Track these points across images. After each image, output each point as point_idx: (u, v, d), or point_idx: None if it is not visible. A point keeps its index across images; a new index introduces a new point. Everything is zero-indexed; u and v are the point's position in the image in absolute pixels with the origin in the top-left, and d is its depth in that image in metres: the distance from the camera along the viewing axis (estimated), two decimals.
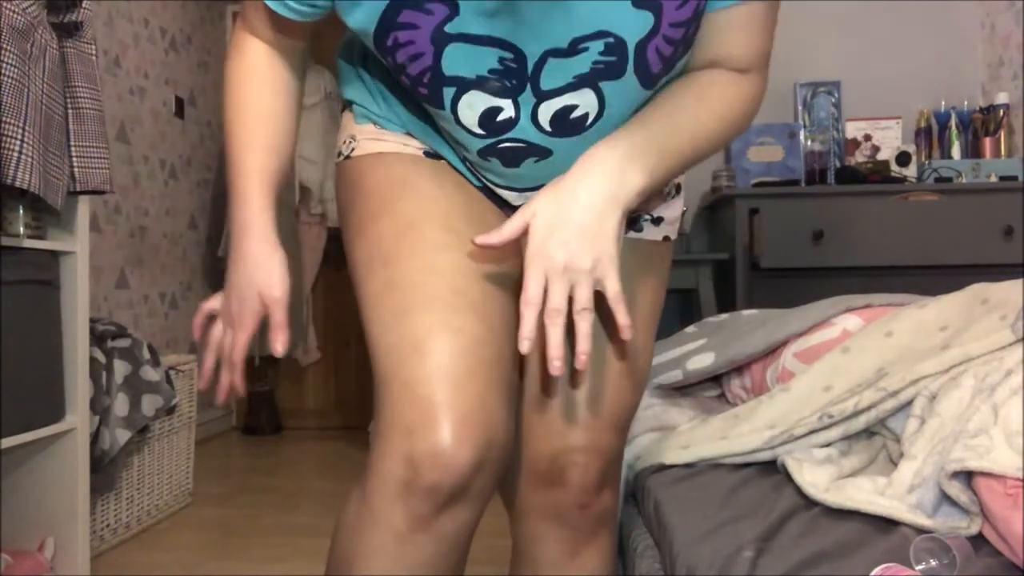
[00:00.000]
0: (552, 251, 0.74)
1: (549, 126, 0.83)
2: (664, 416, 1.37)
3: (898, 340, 1.16)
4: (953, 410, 0.92)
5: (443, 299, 0.81)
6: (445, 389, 0.77)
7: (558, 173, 0.82)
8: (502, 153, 0.86)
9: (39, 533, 1.81)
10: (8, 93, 1.50)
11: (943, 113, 3.24)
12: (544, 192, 0.77)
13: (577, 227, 0.74)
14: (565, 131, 0.83)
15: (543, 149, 0.85)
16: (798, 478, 0.97)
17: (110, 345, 2.15)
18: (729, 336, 1.47)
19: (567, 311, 0.75)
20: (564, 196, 0.75)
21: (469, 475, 0.77)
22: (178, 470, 2.56)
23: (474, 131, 0.84)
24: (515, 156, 0.86)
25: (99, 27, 2.90)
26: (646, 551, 1.10)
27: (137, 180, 3.19)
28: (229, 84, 0.92)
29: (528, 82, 0.79)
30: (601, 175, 0.76)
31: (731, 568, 0.79)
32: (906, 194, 2.77)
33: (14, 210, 1.67)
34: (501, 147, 0.85)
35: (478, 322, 0.82)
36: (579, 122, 0.83)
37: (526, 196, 0.91)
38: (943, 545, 0.75)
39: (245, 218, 0.91)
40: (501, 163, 0.87)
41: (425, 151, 0.93)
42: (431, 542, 0.79)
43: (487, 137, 0.84)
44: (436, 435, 0.76)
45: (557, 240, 0.74)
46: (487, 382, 0.80)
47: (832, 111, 3.33)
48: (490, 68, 0.78)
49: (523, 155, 0.86)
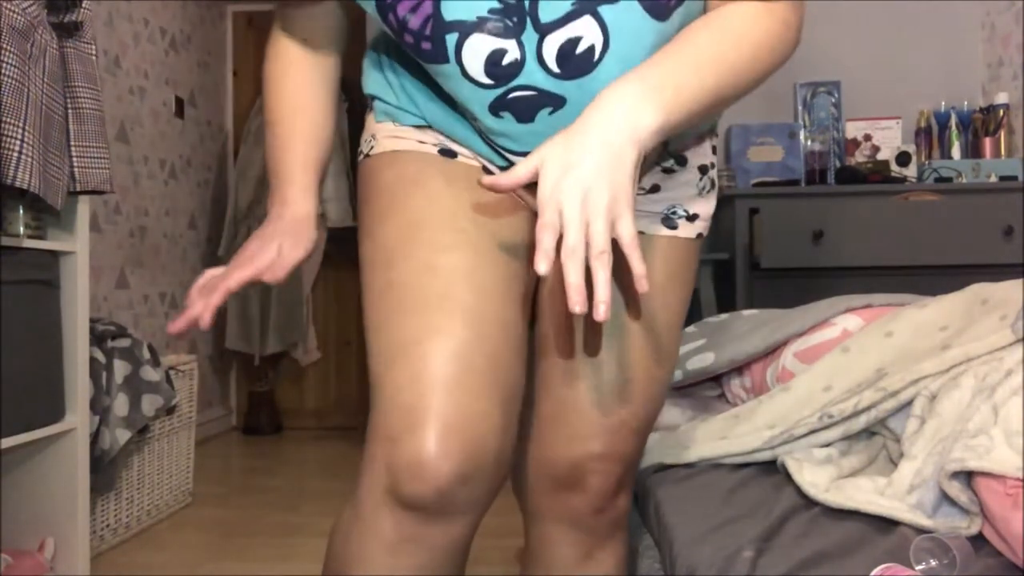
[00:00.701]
0: (566, 187, 0.68)
1: (557, 66, 0.80)
2: (664, 416, 1.37)
3: (898, 340, 1.16)
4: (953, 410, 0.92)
5: (435, 302, 0.79)
6: (430, 395, 0.74)
7: None
8: (514, 105, 0.82)
9: (39, 533, 1.81)
10: (8, 93, 1.50)
11: (943, 113, 3.24)
12: (555, 136, 0.72)
13: (592, 164, 0.69)
14: (573, 71, 0.80)
15: (555, 97, 0.82)
16: (798, 478, 0.97)
17: (110, 345, 2.15)
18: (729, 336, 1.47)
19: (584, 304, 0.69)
20: (576, 136, 0.70)
21: (452, 487, 0.73)
22: (178, 470, 2.56)
23: (482, 81, 0.81)
24: (528, 107, 0.83)
25: (99, 27, 2.90)
26: (646, 551, 1.10)
27: (137, 180, 3.19)
28: (267, 80, 0.95)
29: (528, 17, 0.78)
30: (614, 112, 0.71)
31: (731, 568, 0.79)
32: (906, 194, 2.77)
33: (14, 210, 1.67)
34: (512, 97, 0.82)
35: (471, 326, 0.78)
36: (586, 58, 0.79)
37: None
38: (943, 545, 0.75)
39: (286, 193, 0.92)
40: (515, 118, 0.83)
41: (441, 148, 0.91)
42: (421, 552, 0.76)
43: (496, 86, 0.81)
44: (417, 444, 0.73)
45: (572, 178, 0.68)
46: (477, 389, 0.76)
47: (832, 111, 3.33)
48: (489, 8, 0.77)
49: (536, 105, 0.82)
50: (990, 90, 3.31)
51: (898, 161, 3.13)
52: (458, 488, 0.74)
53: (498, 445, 0.77)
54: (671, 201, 0.94)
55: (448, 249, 0.82)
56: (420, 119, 0.92)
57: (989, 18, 3.32)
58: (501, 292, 0.83)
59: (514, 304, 0.84)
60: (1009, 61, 3.19)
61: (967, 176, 2.99)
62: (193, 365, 2.62)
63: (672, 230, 0.95)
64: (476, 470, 0.75)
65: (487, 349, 0.78)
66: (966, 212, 2.61)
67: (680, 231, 0.95)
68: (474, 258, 0.82)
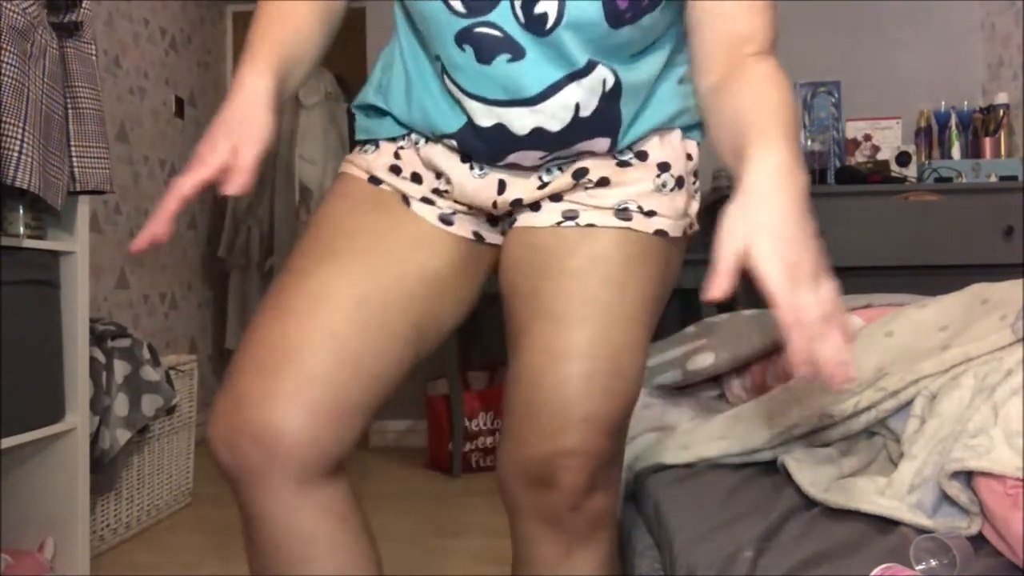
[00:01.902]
0: (804, 293, 0.71)
1: (522, 13, 0.86)
2: (664, 416, 1.37)
3: (898, 340, 1.16)
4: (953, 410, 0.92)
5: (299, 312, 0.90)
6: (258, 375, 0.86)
7: (527, 87, 0.88)
8: (478, 41, 0.87)
9: (39, 533, 1.81)
10: (8, 93, 1.50)
11: (943, 113, 3.24)
12: (754, 222, 0.73)
13: (809, 257, 0.72)
14: (532, 26, 0.86)
15: (517, 45, 0.87)
16: (798, 478, 0.97)
17: (110, 345, 2.15)
18: (729, 336, 1.47)
19: None
20: (779, 228, 0.72)
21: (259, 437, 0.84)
22: (178, 470, 2.56)
23: (457, 8, 0.86)
24: (490, 47, 0.87)
25: (99, 27, 2.90)
26: (646, 551, 1.10)
27: (137, 180, 3.19)
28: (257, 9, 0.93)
29: None
30: (794, 191, 0.74)
31: (731, 568, 0.79)
32: (906, 194, 2.77)
33: (14, 210, 1.67)
34: (478, 32, 0.87)
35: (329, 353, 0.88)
36: (540, 20, 0.86)
37: (495, 114, 0.91)
38: (943, 545, 0.75)
39: (242, 73, 0.88)
40: (475, 56, 0.88)
41: (370, 176, 0.99)
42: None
43: (468, 16, 0.86)
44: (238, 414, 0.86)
45: (803, 279, 0.71)
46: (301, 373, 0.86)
47: (832, 111, 3.33)
48: None
49: (497, 48, 0.87)
50: (990, 90, 3.31)
51: (898, 161, 3.13)
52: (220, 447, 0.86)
53: (292, 440, 0.85)
54: (622, 197, 0.95)
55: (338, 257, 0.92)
56: (392, 125, 0.99)
57: (989, 18, 3.32)
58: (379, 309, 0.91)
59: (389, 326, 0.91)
60: (1009, 61, 3.19)
61: (967, 176, 2.99)
62: (193, 365, 2.62)
63: (625, 222, 0.95)
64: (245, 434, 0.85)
65: (329, 384, 0.87)
66: (966, 212, 2.61)
67: (634, 224, 0.95)
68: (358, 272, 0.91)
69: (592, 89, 0.90)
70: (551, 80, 0.89)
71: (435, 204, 0.98)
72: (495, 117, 0.91)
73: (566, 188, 0.96)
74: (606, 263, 0.93)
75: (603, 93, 0.90)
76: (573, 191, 0.96)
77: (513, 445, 0.93)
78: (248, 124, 0.84)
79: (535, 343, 0.92)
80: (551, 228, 0.96)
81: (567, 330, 0.90)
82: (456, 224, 0.99)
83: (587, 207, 0.95)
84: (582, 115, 0.91)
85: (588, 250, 0.94)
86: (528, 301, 0.94)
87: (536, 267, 0.95)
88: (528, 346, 0.92)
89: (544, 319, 0.92)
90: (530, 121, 0.90)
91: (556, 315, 0.91)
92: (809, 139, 3.19)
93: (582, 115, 0.91)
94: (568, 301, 0.91)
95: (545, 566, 0.97)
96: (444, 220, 0.98)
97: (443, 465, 2.99)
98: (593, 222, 0.95)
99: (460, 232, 0.99)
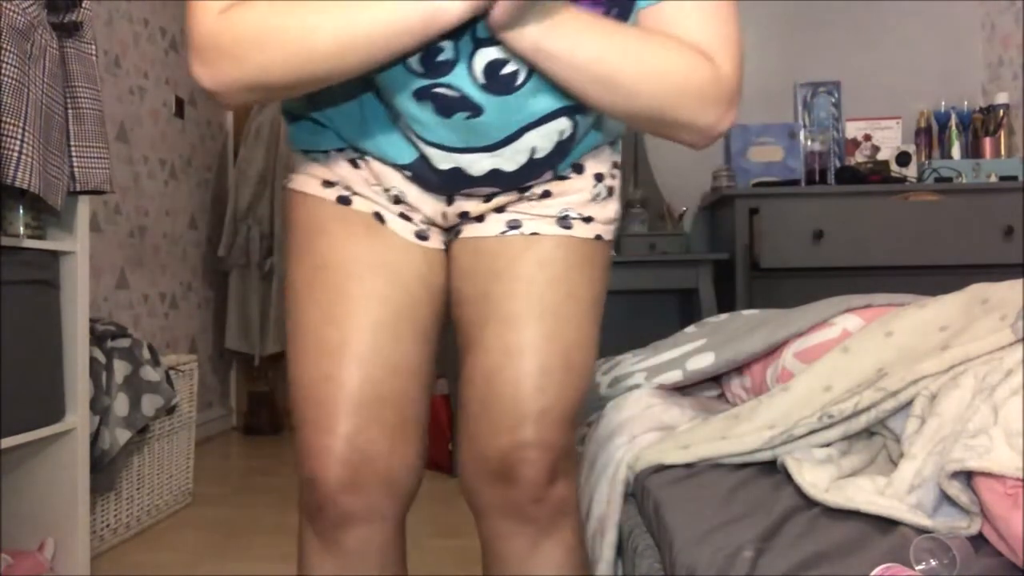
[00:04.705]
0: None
1: (483, 77, 0.85)
2: (664, 416, 1.37)
3: (898, 340, 1.16)
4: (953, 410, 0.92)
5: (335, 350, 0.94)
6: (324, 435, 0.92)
7: (487, 137, 0.89)
8: (436, 99, 0.87)
9: (39, 533, 1.81)
10: (8, 93, 1.50)
11: (943, 113, 3.24)
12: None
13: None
14: (496, 88, 0.86)
15: (475, 105, 0.87)
16: (798, 478, 0.97)
17: (110, 345, 2.15)
18: (729, 336, 1.47)
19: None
20: None
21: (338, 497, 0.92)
22: (178, 470, 2.56)
23: (415, 69, 0.85)
24: (448, 105, 0.87)
25: (99, 27, 2.90)
26: (646, 551, 1.10)
27: (137, 180, 3.19)
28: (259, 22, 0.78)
29: (469, 26, 0.82)
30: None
31: (731, 568, 0.79)
32: (906, 194, 2.77)
33: (14, 210, 1.67)
34: (436, 91, 0.87)
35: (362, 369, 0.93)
36: (509, 80, 0.85)
37: (452, 158, 0.92)
38: (943, 545, 0.75)
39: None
40: (434, 110, 0.88)
41: (339, 196, 0.98)
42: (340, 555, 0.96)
43: (426, 77, 0.86)
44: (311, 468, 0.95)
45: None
46: (364, 422, 0.92)
47: (832, 111, 3.33)
48: None
49: (455, 106, 0.87)
50: (990, 90, 3.31)
51: (898, 161, 3.13)
52: (345, 498, 0.92)
53: (384, 463, 0.92)
54: (563, 206, 1.00)
55: (347, 297, 0.94)
56: (334, 137, 0.98)
57: (989, 18, 3.32)
58: (393, 329, 0.95)
59: (407, 335, 0.96)
60: (1009, 61, 3.19)
61: (967, 176, 2.99)
62: (193, 365, 2.62)
63: (567, 230, 1.00)
64: (362, 482, 0.92)
65: (377, 388, 0.93)
66: (966, 212, 2.61)
67: (576, 231, 1.00)
68: (366, 303, 0.94)
69: (548, 136, 0.93)
70: (510, 131, 0.91)
71: (412, 220, 1.00)
72: (452, 162, 0.93)
73: (511, 200, 1.00)
74: (552, 267, 0.98)
75: (558, 142, 0.94)
76: (517, 203, 1.00)
77: (472, 444, 0.97)
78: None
79: (489, 343, 0.96)
80: (497, 237, 1.00)
81: (519, 329, 0.95)
82: (431, 239, 1.02)
83: (531, 216, 1.00)
84: (537, 157, 0.94)
85: (534, 255, 0.98)
86: (479, 305, 0.99)
87: (485, 273, 0.99)
88: (482, 347, 0.96)
89: (497, 320, 0.96)
90: (487, 164, 0.93)
91: (508, 316, 0.96)
92: (809, 139, 3.20)
93: (537, 157, 0.94)
94: (519, 303, 0.96)
95: (514, 561, 0.99)
96: (420, 236, 1.01)
97: (443, 465, 2.99)
98: (537, 230, 0.99)
99: (433, 245, 1.02)
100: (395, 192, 0.99)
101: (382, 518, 0.95)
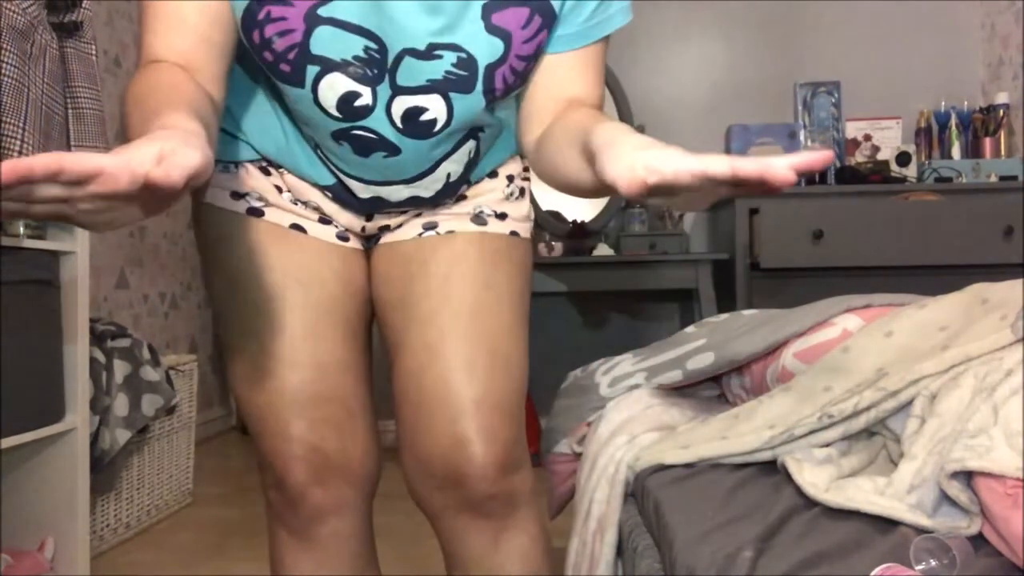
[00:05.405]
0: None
1: (401, 123, 0.88)
2: (664, 416, 1.37)
3: (898, 340, 1.16)
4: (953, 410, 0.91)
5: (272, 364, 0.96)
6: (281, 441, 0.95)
7: (405, 173, 0.93)
8: (354, 140, 0.90)
9: (39, 533, 1.81)
10: (8, 93, 1.50)
11: (943, 113, 3.24)
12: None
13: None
14: (414, 132, 0.89)
15: (393, 146, 0.90)
16: (798, 478, 0.97)
17: (110, 345, 2.15)
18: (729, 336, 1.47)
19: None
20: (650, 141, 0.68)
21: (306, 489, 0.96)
22: (178, 470, 2.56)
23: (331, 112, 0.87)
24: (366, 146, 0.90)
25: (99, 27, 2.90)
26: (646, 551, 1.10)
27: None
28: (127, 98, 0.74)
29: (387, 74, 0.85)
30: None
31: (731, 568, 0.79)
32: (906, 194, 2.77)
33: None
34: (354, 133, 0.89)
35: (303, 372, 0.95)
36: (427, 127, 0.89)
37: (372, 189, 0.96)
38: (943, 545, 0.75)
39: (166, 120, 0.63)
40: (352, 150, 0.91)
41: (249, 208, 0.98)
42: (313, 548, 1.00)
43: (343, 121, 0.88)
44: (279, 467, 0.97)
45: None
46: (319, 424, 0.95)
47: (832, 111, 3.33)
48: (355, 55, 0.83)
49: (373, 147, 0.91)
50: (990, 90, 3.31)
51: (898, 161, 3.13)
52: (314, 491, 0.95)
53: (341, 456, 0.96)
54: (476, 204, 1.04)
55: (262, 309, 0.95)
56: (247, 149, 0.98)
57: (989, 18, 3.32)
58: (314, 330, 0.96)
59: (331, 334, 0.97)
60: (1009, 61, 3.19)
61: (967, 176, 2.99)
62: (193, 365, 2.62)
63: (481, 226, 1.03)
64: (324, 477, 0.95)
65: (313, 387, 0.95)
66: (966, 212, 2.61)
67: (490, 227, 1.03)
68: (284, 311, 0.95)
69: (461, 160, 0.97)
70: (427, 165, 0.95)
71: (331, 223, 1.02)
72: (372, 192, 0.96)
73: (427, 207, 1.03)
74: (465, 261, 1.00)
75: (468, 160, 0.98)
76: (434, 208, 1.04)
77: (413, 449, 0.96)
78: (189, 143, 0.57)
79: (412, 343, 0.97)
80: (413, 239, 1.03)
81: (440, 325, 0.96)
82: (351, 240, 1.04)
83: (446, 216, 1.03)
84: (452, 181, 0.98)
85: (449, 252, 1.01)
86: (399, 308, 1.00)
87: (403, 276, 1.01)
88: (407, 348, 0.98)
89: (418, 321, 0.98)
90: (406, 193, 0.97)
91: (427, 315, 0.97)
92: (809, 139, 3.19)
93: (452, 181, 0.98)
94: (435, 300, 0.97)
95: (475, 559, 0.98)
96: (341, 237, 1.02)
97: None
98: (452, 229, 1.02)
99: (353, 246, 1.04)
100: (313, 205, 1.00)
101: (351, 510, 0.99)
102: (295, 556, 1.01)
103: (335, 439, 0.96)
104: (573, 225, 3.20)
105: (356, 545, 1.02)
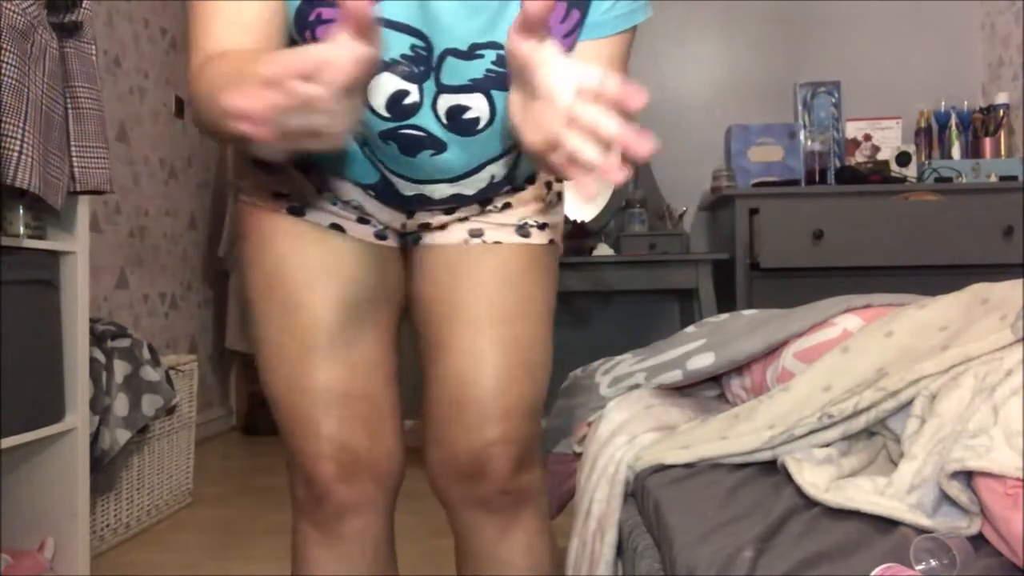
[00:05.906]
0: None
1: (446, 119, 0.90)
2: (664, 416, 1.37)
3: (898, 340, 1.15)
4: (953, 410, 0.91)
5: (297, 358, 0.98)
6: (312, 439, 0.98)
7: (452, 172, 0.94)
8: (401, 139, 0.91)
9: (39, 533, 1.81)
10: (8, 93, 1.50)
11: (943, 113, 3.24)
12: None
13: None
14: (457, 129, 0.90)
15: (439, 142, 0.91)
16: (798, 478, 0.97)
17: (110, 345, 2.15)
18: (729, 336, 1.47)
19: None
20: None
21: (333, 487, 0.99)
22: (178, 470, 2.56)
23: (381, 113, 0.88)
24: (413, 144, 0.92)
25: (99, 27, 2.90)
26: (646, 551, 1.10)
27: (137, 180, 3.19)
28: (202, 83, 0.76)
29: (433, 72, 0.86)
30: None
31: (731, 568, 0.79)
32: (906, 194, 2.77)
33: (14, 210, 1.67)
34: (401, 132, 0.90)
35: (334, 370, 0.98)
36: (471, 125, 0.90)
37: (416, 187, 0.97)
38: (943, 545, 0.75)
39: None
40: (398, 149, 0.92)
41: (290, 207, 0.99)
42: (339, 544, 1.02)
43: (392, 120, 0.89)
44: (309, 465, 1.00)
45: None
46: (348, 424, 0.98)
47: (832, 111, 3.33)
48: (402, 53, 0.84)
49: (420, 145, 0.92)
50: (990, 90, 3.31)
51: (898, 161, 3.13)
52: (340, 488, 0.98)
53: (368, 455, 0.99)
54: (522, 216, 1.06)
55: (299, 306, 0.97)
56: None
57: (989, 18, 3.32)
58: (348, 329, 0.99)
59: (364, 334, 1.00)
60: (1009, 61, 3.19)
61: (967, 176, 2.99)
62: (193, 365, 2.62)
63: (525, 238, 1.06)
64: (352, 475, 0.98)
65: (344, 386, 0.98)
66: (966, 212, 2.61)
67: (533, 239, 1.07)
68: (319, 310, 0.97)
69: (506, 163, 0.99)
70: (473, 165, 0.96)
71: (370, 223, 1.03)
72: (417, 189, 0.98)
73: (473, 213, 1.05)
74: (511, 273, 1.04)
75: (514, 162, 1.00)
76: (479, 215, 1.06)
77: (442, 445, 1.02)
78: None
79: (457, 346, 1.01)
80: (458, 244, 1.05)
81: (483, 332, 1.01)
82: (389, 238, 1.06)
83: (492, 226, 1.05)
84: (495, 182, 1.00)
85: (496, 263, 1.04)
86: (445, 310, 1.04)
87: (447, 279, 1.05)
88: (450, 351, 1.02)
89: (464, 325, 1.02)
90: (449, 191, 0.99)
91: (471, 320, 1.01)
92: (809, 139, 3.19)
93: (495, 182, 1.00)
94: (480, 307, 1.02)
95: (484, 548, 1.07)
96: (379, 236, 1.05)
97: None
98: (499, 240, 1.05)
99: (391, 244, 1.07)
100: (354, 204, 1.01)
101: (374, 509, 1.02)
102: (318, 554, 1.03)
103: (364, 437, 0.99)
104: (573, 225, 3.20)
105: (378, 544, 1.05)
